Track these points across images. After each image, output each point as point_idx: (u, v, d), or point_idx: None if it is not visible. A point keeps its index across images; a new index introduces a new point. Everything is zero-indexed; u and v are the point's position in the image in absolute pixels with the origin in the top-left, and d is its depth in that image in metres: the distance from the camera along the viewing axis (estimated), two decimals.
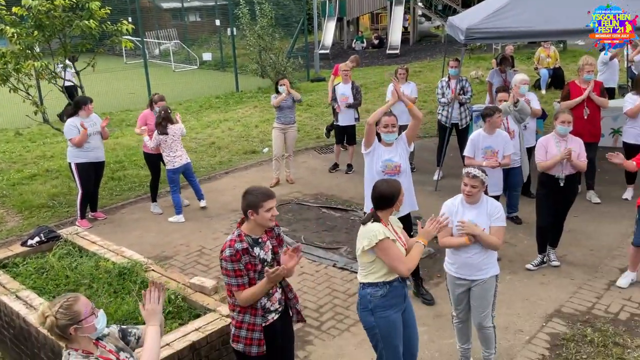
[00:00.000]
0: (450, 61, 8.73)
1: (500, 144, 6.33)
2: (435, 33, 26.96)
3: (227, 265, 3.44)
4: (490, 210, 4.29)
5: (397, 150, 5.33)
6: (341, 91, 9.35)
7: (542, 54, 14.47)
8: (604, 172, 8.73)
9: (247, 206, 3.46)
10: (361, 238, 3.82)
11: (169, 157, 7.77)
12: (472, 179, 4.22)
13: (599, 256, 6.30)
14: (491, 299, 4.37)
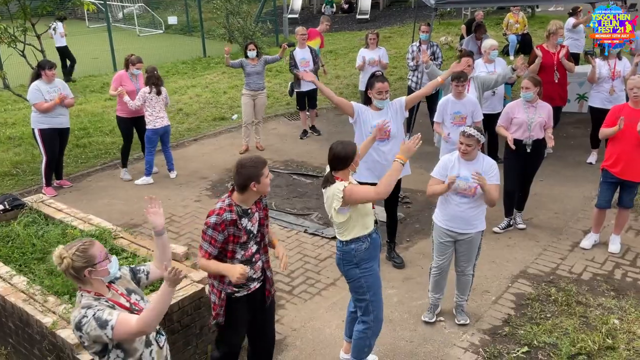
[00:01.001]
0: (421, 26, 8.68)
1: (469, 110, 6.35)
2: None
3: (208, 230, 3.42)
4: (485, 168, 4.42)
5: (388, 114, 5.29)
6: (301, 56, 9.23)
7: (510, 19, 14.53)
8: (570, 137, 8.93)
9: (248, 179, 3.38)
10: (329, 202, 3.85)
11: (151, 116, 7.65)
12: (468, 138, 4.34)
13: (564, 219, 6.46)
14: (476, 251, 4.61)
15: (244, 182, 3.40)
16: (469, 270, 4.64)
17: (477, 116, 6.42)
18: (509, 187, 6.13)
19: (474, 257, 4.62)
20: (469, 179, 4.34)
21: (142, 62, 7.98)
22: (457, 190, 4.41)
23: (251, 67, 8.64)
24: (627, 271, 5.39)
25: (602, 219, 5.77)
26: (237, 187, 3.47)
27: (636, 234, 6.03)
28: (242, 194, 3.47)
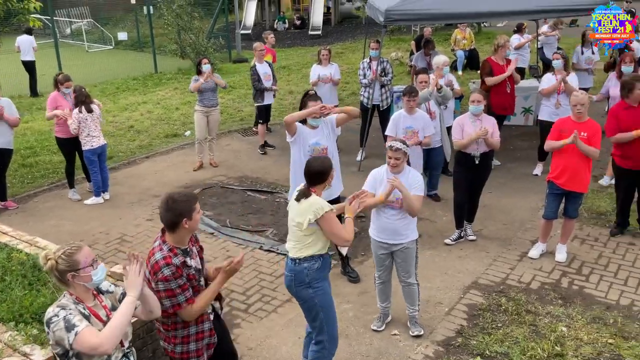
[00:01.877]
0: (371, 43, 8.84)
1: (420, 124, 6.52)
2: (356, 14, 27.18)
3: (171, 284, 3.15)
4: (410, 181, 4.54)
5: (324, 132, 5.37)
6: (263, 71, 9.29)
7: (458, 35, 14.95)
8: (516, 149, 9.21)
9: (179, 215, 3.15)
10: (304, 213, 3.85)
11: (88, 137, 7.48)
12: (395, 152, 4.50)
13: (512, 229, 6.65)
14: (413, 260, 4.71)
15: (175, 218, 3.15)
16: (410, 280, 4.73)
17: (428, 130, 6.59)
18: (458, 199, 6.28)
19: (412, 267, 4.71)
20: (396, 192, 4.48)
21: (71, 80, 7.77)
22: (386, 203, 4.54)
23: (205, 83, 8.59)
24: (573, 279, 5.57)
25: (549, 229, 5.97)
26: (167, 226, 3.21)
27: (581, 243, 6.26)
28: (174, 233, 3.22)
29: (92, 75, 15.72)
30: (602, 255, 5.98)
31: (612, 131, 6.05)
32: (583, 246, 6.18)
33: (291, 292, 4.12)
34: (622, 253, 6.00)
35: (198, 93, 8.70)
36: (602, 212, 6.88)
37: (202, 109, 8.73)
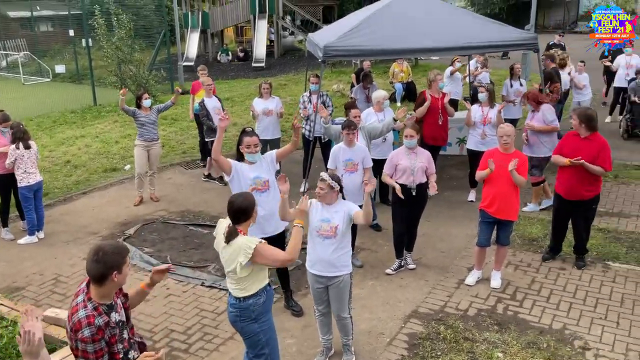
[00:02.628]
0: (310, 77, 9.02)
1: (359, 157, 6.65)
2: (299, 47, 27.61)
3: (87, 347, 2.96)
4: (348, 211, 4.66)
5: (263, 166, 5.41)
6: (212, 105, 9.26)
7: (396, 69, 15.43)
8: (452, 178, 9.52)
9: (109, 268, 2.99)
10: (234, 258, 3.86)
11: (25, 173, 7.29)
12: (321, 182, 4.64)
13: (450, 257, 6.84)
14: (347, 295, 4.76)
15: (105, 271, 2.98)
16: (344, 314, 4.78)
17: (367, 163, 6.73)
18: (397, 230, 6.43)
19: (345, 302, 4.75)
20: (329, 220, 4.57)
21: (10, 120, 7.58)
22: (319, 232, 4.62)
23: (145, 117, 8.51)
24: (508, 305, 5.77)
25: (483, 256, 6.18)
26: (95, 279, 3.02)
27: (515, 269, 6.50)
28: (101, 286, 3.03)
29: (28, 109, 15.30)
30: (534, 280, 6.23)
31: (555, 151, 6.38)
32: (517, 272, 6.42)
33: (236, 328, 4.10)
34: (554, 278, 6.26)
35: (139, 127, 8.60)
36: (534, 238, 7.18)
37: (142, 143, 8.62)
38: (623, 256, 6.62)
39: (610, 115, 12.78)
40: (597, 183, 6.16)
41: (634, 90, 11.08)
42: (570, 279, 6.20)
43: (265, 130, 9.21)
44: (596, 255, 6.67)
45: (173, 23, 20.81)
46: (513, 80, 9.94)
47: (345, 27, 8.96)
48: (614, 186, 8.84)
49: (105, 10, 17.25)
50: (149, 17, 23.27)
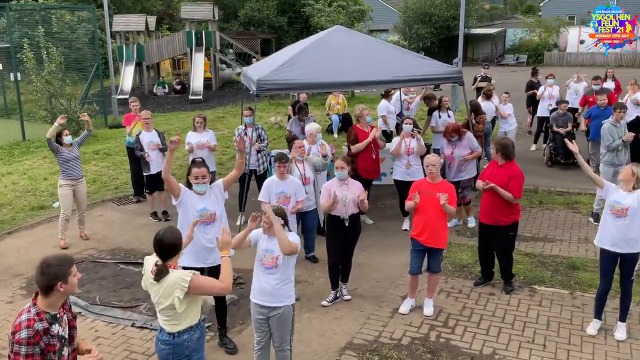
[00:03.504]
0: (244, 110, 9.06)
1: (292, 189, 6.71)
2: (237, 79, 27.71)
3: (21, 349, 3.10)
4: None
5: (211, 197, 5.38)
6: (148, 139, 9.14)
7: (332, 100, 15.71)
8: (387, 208, 9.68)
9: (54, 278, 3.20)
10: (170, 293, 3.78)
11: None
12: (264, 216, 4.71)
13: (384, 286, 6.92)
14: (289, 327, 4.78)
15: (50, 282, 3.19)
16: (285, 346, 4.79)
17: (300, 195, 6.78)
18: (332, 261, 6.46)
19: (287, 334, 4.78)
20: (272, 251, 4.64)
21: None
22: (262, 262, 4.67)
23: (69, 153, 8.20)
24: (440, 332, 5.87)
25: (416, 284, 6.29)
26: (41, 290, 3.24)
27: (447, 296, 6.64)
28: (48, 297, 3.24)
29: None
30: (465, 306, 6.37)
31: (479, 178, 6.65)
32: (449, 299, 6.56)
33: None
34: (484, 303, 6.43)
35: (62, 164, 8.22)
36: (465, 265, 7.37)
37: (68, 182, 8.23)
38: (548, 280, 6.89)
39: (535, 144, 13.43)
40: (513, 210, 6.44)
41: (555, 119, 11.72)
42: (499, 304, 6.38)
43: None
44: (523, 279, 6.91)
45: (107, 56, 20.48)
46: (441, 111, 10.30)
47: (279, 61, 9.09)
48: (539, 212, 9.24)
49: (35, 43, 16.78)
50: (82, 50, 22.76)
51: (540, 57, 39.46)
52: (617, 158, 8.61)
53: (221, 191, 5.53)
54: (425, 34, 39.82)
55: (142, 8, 40.77)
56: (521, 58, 40.15)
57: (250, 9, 35.18)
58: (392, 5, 48.78)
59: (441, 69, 9.24)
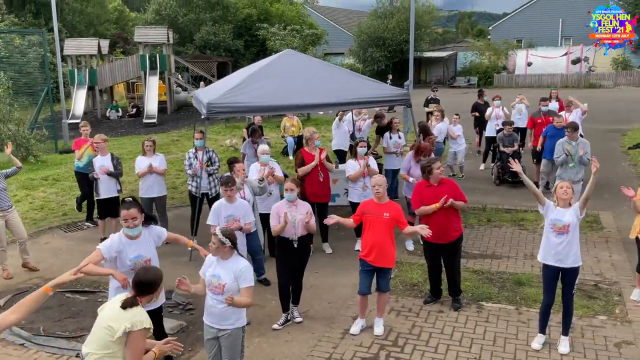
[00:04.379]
0: (195, 133, 9.02)
1: (241, 212, 6.69)
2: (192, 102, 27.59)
3: None
4: (236, 271, 4.65)
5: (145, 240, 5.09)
6: (100, 163, 9.02)
7: (287, 123, 15.80)
8: (341, 229, 9.71)
9: None
10: (122, 319, 3.74)
11: None
12: (213, 237, 4.69)
13: (336, 307, 6.93)
14: (239, 347, 4.77)
15: None
16: None
17: (249, 217, 6.77)
18: (282, 283, 6.45)
19: (237, 354, 4.76)
20: (219, 277, 4.64)
21: None
22: (210, 287, 4.67)
23: None
24: (390, 352, 5.91)
25: (365, 304, 6.33)
26: None
27: (397, 315, 6.70)
28: None
29: None
30: (415, 325, 6.44)
31: (417, 204, 6.72)
32: (399, 317, 6.62)
33: None
34: (433, 321, 6.51)
35: None
36: (415, 283, 7.46)
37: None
38: (495, 296, 7.04)
39: (483, 163, 13.80)
40: (460, 222, 6.68)
41: (501, 140, 12.09)
42: (447, 321, 6.48)
43: (150, 189, 9.08)
44: (471, 296, 7.04)
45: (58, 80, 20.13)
46: (392, 133, 10.49)
47: (230, 84, 9.13)
48: (487, 229, 9.46)
49: None
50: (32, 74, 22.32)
51: (490, 79, 40.76)
52: (565, 173, 8.99)
53: (160, 238, 5.27)
54: (380, 57, 40.63)
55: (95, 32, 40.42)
56: (472, 80, 41.40)
57: (206, 33, 35.27)
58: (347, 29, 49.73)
59: (389, 92, 9.45)
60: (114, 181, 9.14)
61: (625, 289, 7.07)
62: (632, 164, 13.82)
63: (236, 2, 37.59)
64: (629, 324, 6.26)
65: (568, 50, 40.42)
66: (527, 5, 45.65)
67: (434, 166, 6.65)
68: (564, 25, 43.58)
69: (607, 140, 17.04)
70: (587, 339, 5.98)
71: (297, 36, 26.98)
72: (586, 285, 7.20)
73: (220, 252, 4.69)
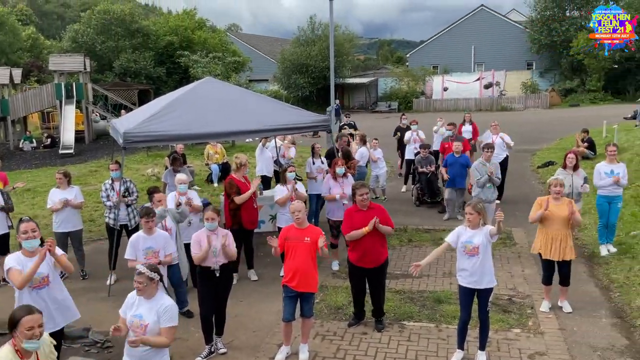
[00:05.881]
0: (110, 165, 8.79)
1: (160, 244, 6.55)
2: None
3: None
4: (159, 310, 4.49)
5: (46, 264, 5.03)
6: None
7: (210, 150, 15.66)
8: (266, 255, 9.69)
9: None
10: None
11: None
12: (139, 276, 4.48)
13: (261, 336, 6.86)
14: None
15: None
16: None
17: (169, 249, 6.63)
18: (204, 314, 6.32)
19: None
20: (141, 317, 4.46)
21: None
22: (131, 328, 4.49)
23: None
24: None
25: (290, 330, 6.31)
26: None
27: (322, 339, 6.71)
28: None
29: None
30: (339, 348, 6.48)
31: (347, 229, 6.77)
32: (324, 342, 6.64)
33: None
34: (357, 344, 6.58)
35: None
36: (340, 307, 7.53)
37: None
38: (416, 315, 7.21)
39: (405, 185, 14.21)
40: (386, 246, 6.83)
41: (420, 162, 12.51)
42: (371, 343, 6.56)
43: (65, 222, 8.72)
44: (393, 316, 7.17)
45: None
46: (315, 158, 10.63)
47: (148, 112, 8.97)
48: (409, 249, 9.72)
49: None
50: None
51: (410, 103, 42.25)
52: (483, 194, 9.40)
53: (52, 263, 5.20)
54: (304, 84, 41.21)
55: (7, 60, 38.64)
56: (393, 105, 42.76)
57: (126, 60, 34.55)
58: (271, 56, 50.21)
59: (310, 118, 9.60)
60: (4, 216, 8.71)
61: (537, 301, 7.44)
62: (542, 181, 14.66)
63: (157, 30, 37.15)
64: (541, 335, 6.58)
65: (480, 76, 42.60)
66: (441, 34, 47.88)
67: (357, 192, 6.76)
68: (476, 52, 45.98)
69: (518, 160, 17.99)
70: (503, 352, 6.23)
71: (220, 63, 26.93)
72: (501, 299, 7.53)
73: (149, 289, 4.51)
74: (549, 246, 7.03)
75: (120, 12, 35.91)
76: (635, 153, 14.50)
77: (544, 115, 32.67)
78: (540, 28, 41.27)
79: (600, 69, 36.91)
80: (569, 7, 41.39)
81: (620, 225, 9.58)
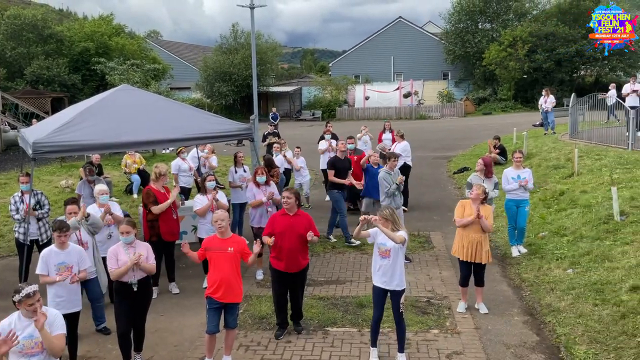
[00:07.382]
0: (20, 177, 8.34)
1: (74, 259, 6.25)
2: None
3: None
4: (50, 320, 4.47)
5: None
6: None
7: (128, 160, 15.16)
8: (188, 267, 9.51)
9: None
10: None
11: None
12: (28, 298, 4.40)
13: (182, 350, 6.70)
14: None
15: None
16: None
17: (84, 264, 6.35)
18: (122, 330, 6.10)
19: None
20: (33, 336, 4.41)
21: None
22: (24, 352, 4.38)
23: None
24: None
25: (213, 343, 6.20)
26: None
27: (246, 350, 6.65)
28: None
29: None
30: (263, 358, 6.44)
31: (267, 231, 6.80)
32: (247, 353, 6.57)
33: None
34: (281, 352, 6.56)
35: None
36: (264, 316, 7.48)
37: None
38: (340, 320, 7.29)
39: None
40: (307, 252, 6.93)
41: None
42: (295, 351, 6.57)
43: None
44: (317, 323, 7.22)
45: None
46: (237, 167, 10.54)
47: (60, 121, 8.59)
48: (332, 256, 9.83)
49: None
50: None
51: (333, 112, 42.82)
52: (394, 202, 9.59)
53: None
54: (227, 92, 40.84)
55: None
56: (317, 113, 43.18)
57: (39, 67, 32.90)
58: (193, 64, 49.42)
59: (232, 126, 9.53)
60: None
61: (454, 302, 7.72)
62: (457, 187, 15.26)
63: (72, 36, 35.62)
64: (458, 335, 6.83)
65: (400, 85, 43.86)
66: (362, 44, 48.91)
67: (283, 194, 6.82)
68: (395, 62, 47.32)
69: (435, 166, 18.67)
70: (422, 353, 6.42)
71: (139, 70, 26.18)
72: (420, 301, 7.76)
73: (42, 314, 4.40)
74: (466, 249, 7.34)
75: (32, 17, 34.12)
76: (543, 158, 15.39)
77: (459, 123, 34.05)
78: (454, 40, 43.08)
79: (511, 79, 38.98)
80: (481, 20, 43.51)
81: (529, 227, 10.12)
